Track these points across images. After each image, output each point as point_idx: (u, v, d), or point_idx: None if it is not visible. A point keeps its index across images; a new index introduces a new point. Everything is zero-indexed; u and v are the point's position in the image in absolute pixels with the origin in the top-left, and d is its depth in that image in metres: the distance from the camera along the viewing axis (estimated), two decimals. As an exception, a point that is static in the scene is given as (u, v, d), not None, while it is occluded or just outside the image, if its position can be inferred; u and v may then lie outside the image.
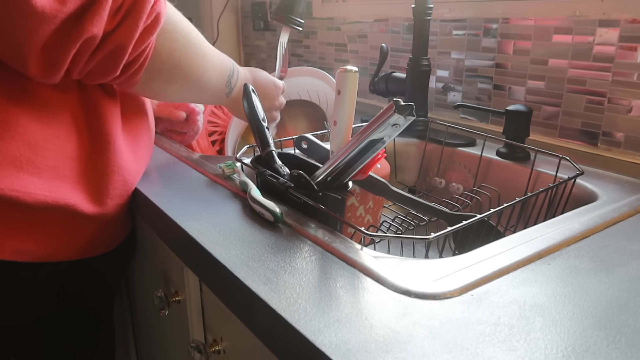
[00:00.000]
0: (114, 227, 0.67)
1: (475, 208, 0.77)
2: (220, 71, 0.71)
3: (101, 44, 0.53)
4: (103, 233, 0.65)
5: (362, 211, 0.69)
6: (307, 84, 1.05)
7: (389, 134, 0.52)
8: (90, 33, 0.51)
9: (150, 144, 0.73)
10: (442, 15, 1.03)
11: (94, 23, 0.51)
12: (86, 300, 0.72)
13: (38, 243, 0.59)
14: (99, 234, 0.64)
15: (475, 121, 1.02)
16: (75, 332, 0.73)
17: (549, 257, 0.48)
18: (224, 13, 1.68)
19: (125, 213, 0.68)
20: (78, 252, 0.64)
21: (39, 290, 0.63)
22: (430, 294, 0.41)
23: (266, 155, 0.64)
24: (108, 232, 0.66)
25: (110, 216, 0.64)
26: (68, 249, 0.62)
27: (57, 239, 0.61)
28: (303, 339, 0.36)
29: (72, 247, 0.63)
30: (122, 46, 0.54)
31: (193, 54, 0.64)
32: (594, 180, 0.69)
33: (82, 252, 0.64)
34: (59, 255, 0.62)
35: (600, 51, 0.81)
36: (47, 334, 0.69)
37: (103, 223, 0.64)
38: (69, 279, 0.66)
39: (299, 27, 0.90)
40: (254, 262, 0.46)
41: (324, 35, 1.38)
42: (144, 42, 0.56)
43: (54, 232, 0.60)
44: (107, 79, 0.58)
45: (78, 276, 0.67)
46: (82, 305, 0.72)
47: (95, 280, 0.71)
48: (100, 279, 0.73)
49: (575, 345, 0.35)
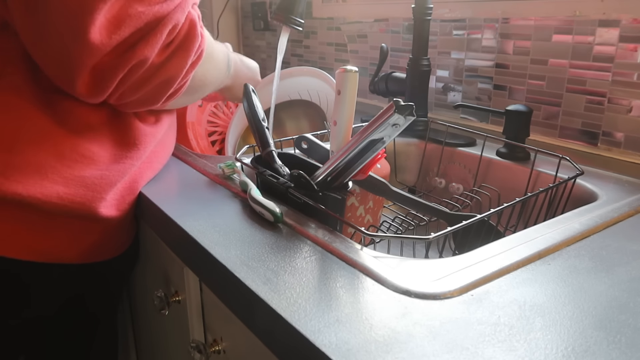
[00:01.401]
0: (122, 231, 0.69)
1: (475, 208, 0.77)
2: (224, 63, 0.75)
3: (152, 75, 0.56)
4: (112, 237, 0.67)
5: (362, 211, 0.69)
6: (307, 84, 1.05)
7: (389, 134, 0.52)
8: (142, 57, 0.53)
9: (168, 156, 0.76)
10: (442, 15, 1.03)
11: (147, 48, 0.53)
12: (91, 303, 0.73)
13: (53, 245, 0.61)
14: (109, 237, 0.66)
15: (475, 121, 1.02)
16: (79, 333, 0.73)
17: (549, 257, 0.48)
18: (224, 13, 1.68)
19: (132, 217, 0.70)
20: (89, 255, 0.65)
21: (49, 289, 0.65)
22: (430, 294, 0.41)
23: (266, 155, 0.64)
24: (117, 236, 0.68)
25: (121, 220, 0.66)
26: (80, 251, 0.64)
27: (70, 241, 0.63)
28: (303, 339, 0.36)
29: (84, 250, 0.64)
30: (171, 79, 0.57)
31: (213, 71, 0.69)
32: (594, 180, 0.69)
33: (92, 255, 0.66)
34: (71, 257, 0.64)
35: (600, 51, 0.81)
36: (53, 334, 0.70)
37: (114, 227, 0.66)
38: (78, 281, 0.67)
39: (299, 27, 0.90)
40: (254, 262, 0.46)
41: (324, 35, 1.38)
42: (188, 76, 0.60)
43: (68, 235, 0.62)
44: (147, 107, 0.61)
45: (87, 279, 0.68)
46: (86, 307, 0.72)
47: (101, 283, 0.72)
48: (106, 282, 0.74)
49: (575, 345, 0.35)
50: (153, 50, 0.54)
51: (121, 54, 0.52)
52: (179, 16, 0.55)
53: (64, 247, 0.62)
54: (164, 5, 0.53)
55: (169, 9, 0.54)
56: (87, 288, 0.70)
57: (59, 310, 0.68)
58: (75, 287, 0.67)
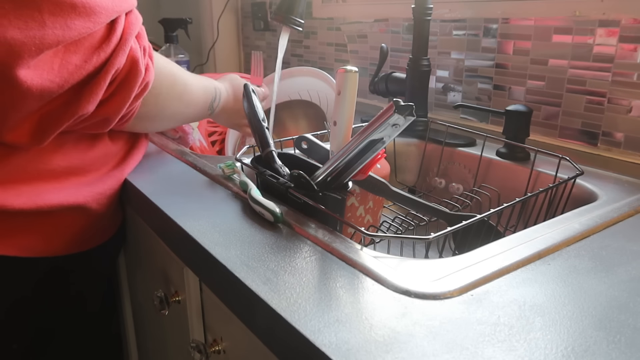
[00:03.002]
0: (108, 219, 0.72)
1: (475, 208, 0.77)
2: (204, 100, 0.78)
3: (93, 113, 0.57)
4: (98, 226, 0.70)
5: (362, 211, 0.69)
6: (307, 84, 1.05)
7: (389, 134, 0.52)
8: (85, 111, 0.55)
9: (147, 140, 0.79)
10: (442, 15, 1.03)
11: (90, 101, 0.55)
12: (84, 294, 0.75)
13: (40, 240, 0.63)
14: (95, 226, 0.69)
15: (475, 121, 1.02)
16: (72, 325, 0.74)
17: (549, 257, 0.48)
18: (224, 13, 1.68)
19: (117, 205, 0.73)
20: (75, 245, 0.68)
21: (38, 282, 0.66)
22: (430, 294, 0.41)
23: (266, 156, 0.64)
24: (103, 224, 0.71)
25: (107, 211, 0.69)
26: (66, 243, 0.66)
27: (57, 235, 0.65)
28: (303, 339, 0.36)
29: (71, 242, 0.66)
30: (111, 117, 0.59)
31: (176, 98, 0.71)
32: (594, 180, 0.69)
33: (79, 245, 0.68)
34: (58, 250, 0.66)
35: (600, 51, 0.81)
36: (45, 325, 0.70)
37: (101, 217, 0.69)
38: (66, 271, 0.69)
39: (299, 27, 0.90)
40: (254, 262, 0.46)
41: (324, 35, 1.38)
42: (132, 107, 0.61)
43: (56, 229, 0.64)
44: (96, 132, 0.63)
45: (75, 268, 0.70)
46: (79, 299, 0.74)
47: (90, 271, 0.74)
48: (95, 269, 0.76)
49: (575, 345, 0.35)
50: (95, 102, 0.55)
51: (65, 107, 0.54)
52: (120, 59, 0.55)
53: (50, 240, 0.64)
54: (101, 53, 0.54)
55: (106, 56, 0.54)
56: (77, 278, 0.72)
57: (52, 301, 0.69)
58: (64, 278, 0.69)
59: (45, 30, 0.50)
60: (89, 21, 0.52)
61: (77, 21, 0.51)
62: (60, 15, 0.50)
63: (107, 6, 0.54)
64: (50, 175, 0.61)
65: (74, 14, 0.51)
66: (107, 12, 0.54)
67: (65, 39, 0.51)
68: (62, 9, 0.50)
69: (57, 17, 0.50)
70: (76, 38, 0.52)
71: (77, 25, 0.52)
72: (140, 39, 0.60)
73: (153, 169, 0.74)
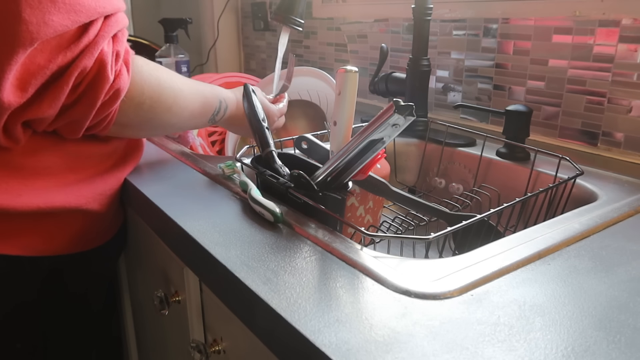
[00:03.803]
0: (109, 219, 0.72)
1: (475, 208, 0.77)
2: (201, 112, 0.72)
3: (59, 117, 0.55)
4: (99, 227, 0.70)
5: (362, 211, 0.69)
6: (307, 84, 1.05)
7: (389, 134, 0.52)
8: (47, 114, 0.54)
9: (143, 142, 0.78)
10: (442, 15, 1.03)
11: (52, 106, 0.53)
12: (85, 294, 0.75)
13: (42, 239, 0.63)
14: (96, 227, 0.69)
15: (475, 121, 1.02)
16: (73, 322, 0.74)
17: (549, 257, 0.48)
18: (224, 13, 1.68)
19: (118, 206, 0.72)
20: (77, 245, 0.67)
21: (40, 280, 0.66)
22: (430, 294, 0.41)
23: (266, 156, 0.64)
24: (104, 225, 0.71)
25: (108, 212, 0.69)
26: (68, 243, 0.66)
27: (59, 235, 0.65)
28: (303, 339, 0.36)
29: (72, 242, 0.66)
30: (78, 120, 0.57)
31: (164, 110, 0.66)
32: (594, 180, 0.69)
33: (80, 244, 0.68)
34: (60, 249, 0.66)
35: (600, 51, 0.81)
36: (47, 325, 0.70)
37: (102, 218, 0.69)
38: (67, 270, 0.69)
39: (299, 27, 0.90)
40: (254, 262, 0.46)
41: (324, 35, 1.38)
42: (103, 114, 0.58)
43: (58, 229, 0.64)
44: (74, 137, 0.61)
45: (76, 269, 0.70)
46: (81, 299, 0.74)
47: (91, 272, 0.75)
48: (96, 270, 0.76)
49: (575, 345, 0.35)
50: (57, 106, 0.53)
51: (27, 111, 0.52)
52: (86, 62, 0.52)
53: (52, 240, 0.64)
54: (67, 53, 0.51)
55: (73, 56, 0.52)
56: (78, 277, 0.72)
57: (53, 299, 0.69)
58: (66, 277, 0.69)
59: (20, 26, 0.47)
60: (67, 19, 0.50)
61: (55, 17, 0.49)
62: (38, 8, 0.48)
63: (89, 5, 0.52)
64: (48, 173, 0.61)
65: (53, 9, 0.49)
66: (88, 12, 0.52)
67: (40, 36, 0.49)
68: (40, 2, 0.48)
69: (35, 11, 0.48)
70: (51, 36, 0.49)
71: (55, 21, 0.49)
72: (117, 43, 0.56)
73: (153, 169, 0.74)
